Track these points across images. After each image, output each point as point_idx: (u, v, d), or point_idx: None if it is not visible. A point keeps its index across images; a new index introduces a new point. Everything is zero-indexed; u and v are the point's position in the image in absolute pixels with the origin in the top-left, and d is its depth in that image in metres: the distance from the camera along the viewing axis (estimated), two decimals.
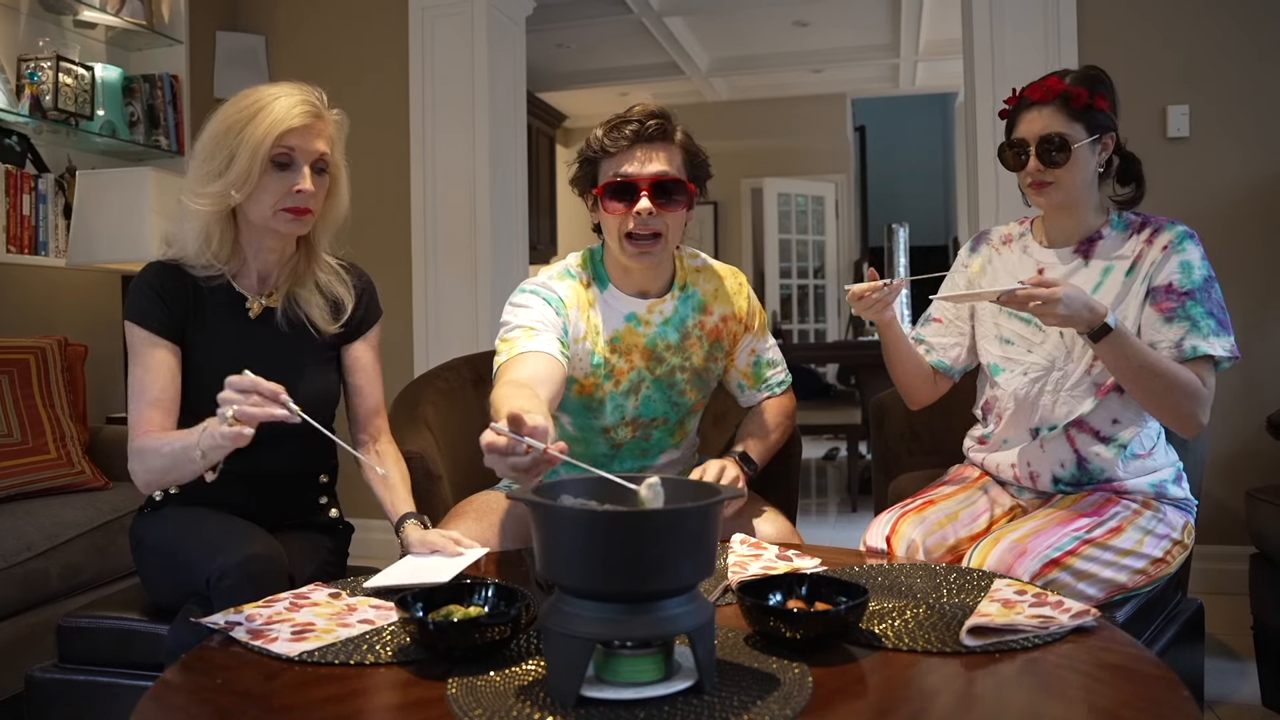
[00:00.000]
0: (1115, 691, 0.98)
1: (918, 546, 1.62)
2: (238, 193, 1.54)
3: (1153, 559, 1.60)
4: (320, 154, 1.57)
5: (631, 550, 0.93)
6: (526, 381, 1.49)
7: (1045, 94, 1.66)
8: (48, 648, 1.81)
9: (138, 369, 1.55)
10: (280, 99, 1.54)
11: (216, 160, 1.54)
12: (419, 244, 3.64)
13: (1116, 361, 1.58)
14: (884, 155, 9.50)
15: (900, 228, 7.92)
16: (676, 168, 1.65)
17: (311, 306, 1.68)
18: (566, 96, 7.33)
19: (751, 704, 0.94)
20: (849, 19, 6.11)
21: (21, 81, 3.04)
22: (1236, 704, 2.21)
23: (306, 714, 0.96)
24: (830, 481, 5.77)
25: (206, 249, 1.58)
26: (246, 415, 1.21)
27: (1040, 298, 1.49)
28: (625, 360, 1.74)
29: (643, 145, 1.63)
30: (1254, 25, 2.99)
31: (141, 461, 1.46)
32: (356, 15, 3.75)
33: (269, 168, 1.54)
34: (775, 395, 1.89)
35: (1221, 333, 1.61)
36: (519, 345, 1.61)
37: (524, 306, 1.69)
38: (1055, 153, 1.65)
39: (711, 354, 1.81)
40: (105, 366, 3.18)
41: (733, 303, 1.82)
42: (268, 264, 1.66)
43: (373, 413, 1.75)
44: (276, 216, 1.57)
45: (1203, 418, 1.60)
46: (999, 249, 1.86)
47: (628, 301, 1.74)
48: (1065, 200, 1.70)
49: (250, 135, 1.52)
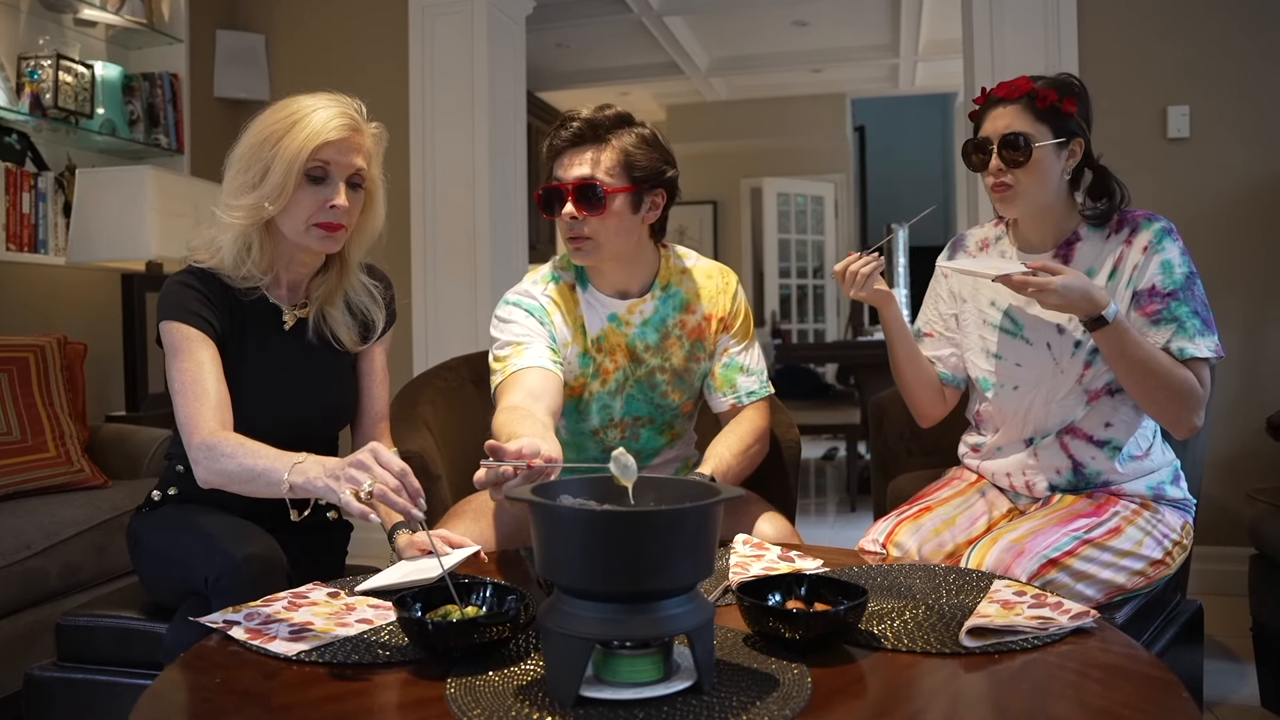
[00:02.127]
0: (1114, 692, 0.98)
1: (914, 555, 1.62)
2: (271, 205, 1.50)
3: (1151, 560, 1.59)
4: (356, 169, 1.54)
5: (630, 550, 0.93)
6: (522, 404, 1.52)
7: (1011, 91, 1.64)
8: (47, 646, 1.81)
9: (186, 364, 1.48)
10: (318, 111, 1.51)
11: (252, 172, 1.51)
12: (418, 243, 3.64)
13: (1114, 354, 1.57)
14: (883, 155, 9.50)
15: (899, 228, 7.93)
16: (605, 170, 1.62)
17: (340, 326, 1.66)
18: (566, 96, 7.33)
19: (750, 704, 0.94)
20: (849, 19, 6.11)
21: (21, 80, 3.04)
22: (1236, 705, 2.21)
23: (305, 713, 0.96)
24: (829, 481, 5.77)
25: (246, 259, 1.55)
26: (385, 500, 1.18)
27: (1036, 285, 1.49)
28: (610, 360, 1.75)
29: (571, 149, 1.65)
30: (1254, 25, 2.99)
31: (214, 462, 1.39)
32: (356, 14, 3.75)
33: (303, 182, 1.51)
34: (742, 404, 1.79)
35: (1206, 332, 1.60)
36: (512, 364, 1.63)
37: (509, 321, 1.70)
38: (1016, 151, 1.61)
39: (693, 354, 1.78)
40: (104, 365, 3.18)
41: (716, 302, 1.79)
42: (298, 276, 1.64)
43: (379, 417, 1.75)
44: (309, 232, 1.54)
45: (1197, 420, 1.59)
46: (976, 255, 1.84)
47: (609, 302, 1.74)
48: (1027, 207, 1.67)
49: (286, 147, 1.49)
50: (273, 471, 1.31)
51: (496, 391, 1.64)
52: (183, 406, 1.47)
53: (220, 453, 1.39)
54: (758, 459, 1.78)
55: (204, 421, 1.44)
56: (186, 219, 2.92)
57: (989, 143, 1.65)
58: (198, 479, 1.43)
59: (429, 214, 3.62)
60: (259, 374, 1.59)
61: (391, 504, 1.18)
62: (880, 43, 6.63)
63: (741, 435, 1.74)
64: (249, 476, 1.35)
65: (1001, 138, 1.63)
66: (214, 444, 1.40)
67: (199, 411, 1.45)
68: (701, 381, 1.83)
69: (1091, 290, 1.51)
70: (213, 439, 1.41)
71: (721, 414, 1.82)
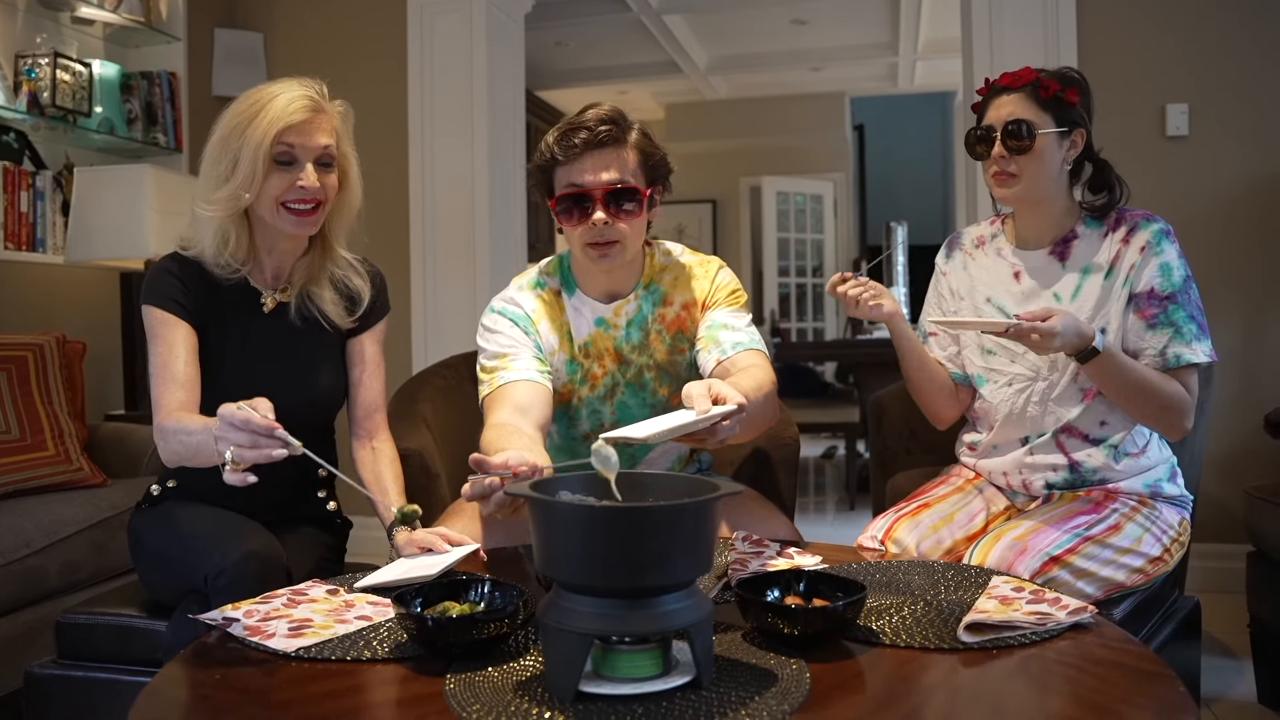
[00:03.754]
0: (1112, 687, 0.98)
1: (912, 552, 1.63)
2: (247, 194, 1.53)
3: (1151, 557, 1.60)
4: (323, 148, 1.57)
5: (629, 545, 0.93)
6: (509, 420, 1.52)
7: (1015, 80, 1.66)
8: (47, 644, 1.81)
9: (159, 348, 1.54)
10: (279, 96, 1.53)
11: (223, 165, 1.54)
12: (417, 242, 3.64)
13: (1105, 381, 1.59)
14: (883, 154, 9.49)
15: (899, 226, 7.92)
16: (631, 173, 1.60)
17: (325, 302, 1.68)
18: (565, 95, 7.33)
19: (749, 699, 0.94)
20: (848, 17, 6.11)
21: (19, 78, 3.03)
22: (1233, 701, 2.22)
23: (304, 709, 0.96)
24: (828, 480, 5.78)
25: (224, 250, 1.58)
26: (243, 459, 1.21)
27: (1042, 331, 1.48)
28: (599, 364, 1.73)
29: (594, 152, 1.58)
30: (1254, 24, 2.99)
31: (165, 442, 1.46)
32: (355, 12, 3.75)
33: (272, 167, 1.53)
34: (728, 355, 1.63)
35: (1202, 336, 1.62)
36: (499, 378, 1.63)
37: (495, 332, 1.69)
38: (1020, 138, 1.63)
39: (675, 345, 1.75)
40: (103, 364, 3.18)
41: (692, 288, 1.74)
42: (282, 261, 1.66)
43: (372, 408, 1.74)
44: (280, 216, 1.56)
45: (1187, 424, 1.62)
46: (972, 253, 1.84)
47: (596, 306, 1.73)
48: (1027, 195, 1.68)
49: (251, 136, 1.51)
50: (205, 444, 1.34)
51: (484, 405, 1.63)
52: (153, 390, 1.52)
53: (166, 432, 1.45)
54: (771, 416, 1.59)
55: (165, 404, 1.49)
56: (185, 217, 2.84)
57: (993, 130, 1.66)
58: (164, 461, 1.49)
59: (428, 212, 3.62)
60: (240, 358, 1.62)
61: (250, 460, 1.20)
62: (879, 41, 6.63)
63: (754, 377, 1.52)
64: (192, 453, 1.40)
65: (1005, 124, 1.64)
66: (163, 425, 1.47)
67: (163, 395, 1.50)
68: (689, 371, 1.76)
69: (1082, 325, 1.52)
70: (164, 421, 1.47)
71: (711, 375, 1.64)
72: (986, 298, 1.78)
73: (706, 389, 1.28)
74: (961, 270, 1.85)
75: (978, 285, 1.80)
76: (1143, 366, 1.60)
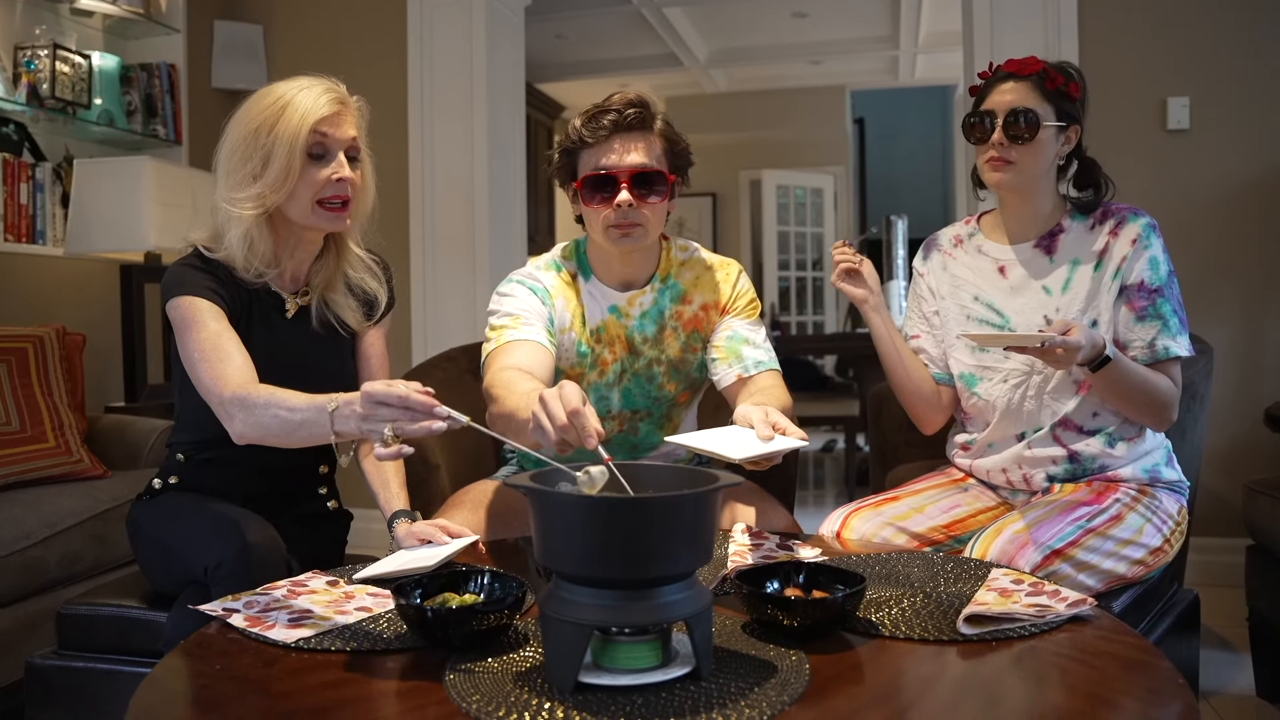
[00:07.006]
0: (1111, 680, 0.99)
1: (870, 539, 1.64)
2: (276, 194, 1.51)
3: (1151, 548, 1.60)
4: (351, 139, 1.56)
5: (629, 537, 0.93)
6: (516, 366, 1.51)
7: (1022, 68, 1.65)
8: (47, 635, 1.82)
9: (200, 333, 1.46)
10: (304, 91, 1.52)
11: (252, 163, 1.51)
12: (417, 234, 3.63)
13: (1111, 386, 1.59)
14: (883, 147, 9.48)
15: (899, 220, 7.92)
16: (656, 158, 1.62)
17: (344, 309, 1.67)
18: (565, 87, 7.32)
19: (749, 690, 0.94)
20: (848, 10, 6.10)
21: (18, 70, 3.03)
22: (1231, 695, 2.22)
23: (304, 700, 0.96)
24: (828, 473, 5.78)
25: (253, 256, 1.55)
26: (407, 433, 1.16)
27: (1066, 345, 1.46)
28: (609, 351, 1.74)
29: (621, 136, 1.60)
30: (1254, 17, 2.99)
31: (249, 414, 1.36)
32: (355, 4, 3.74)
33: (306, 161, 1.51)
34: (749, 374, 1.70)
35: (1183, 330, 1.64)
36: (508, 334, 1.62)
37: (510, 295, 1.69)
38: (1023, 128, 1.62)
39: (689, 344, 1.77)
40: (103, 356, 3.18)
41: (716, 290, 1.77)
42: (300, 264, 1.65)
43: None
44: (315, 213, 1.54)
45: (1174, 416, 1.65)
46: (951, 253, 1.84)
47: (610, 293, 1.74)
48: (1020, 184, 1.68)
49: (283, 130, 1.49)
50: (314, 424, 1.28)
51: (488, 357, 1.61)
52: (206, 370, 1.43)
53: (254, 404, 1.35)
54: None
55: (229, 378, 1.41)
56: (184, 209, 2.92)
57: (994, 116, 1.66)
58: (234, 435, 1.39)
59: (428, 205, 3.61)
60: (265, 362, 1.59)
61: (415, 434, 1.16)
62: (880, 34, 6.61)
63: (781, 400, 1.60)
64: (288, 429, 1.32)
65: (1009, 111, 1.64)
66: (245, 396, 1.37)
67: (224, 371, 1.42)
68: (700, 371, 1.80)
69: (1095, 335, 1.52)
70: (242, 391, 1.38)
71: (726, 389, 1.72)
72: (974, 296, 1.77)
73: (765, 416, 1.37)
74: (941, 270, 1.84)
75: (962, 284, 1.79)
76: (1140, 367, 1.61)
